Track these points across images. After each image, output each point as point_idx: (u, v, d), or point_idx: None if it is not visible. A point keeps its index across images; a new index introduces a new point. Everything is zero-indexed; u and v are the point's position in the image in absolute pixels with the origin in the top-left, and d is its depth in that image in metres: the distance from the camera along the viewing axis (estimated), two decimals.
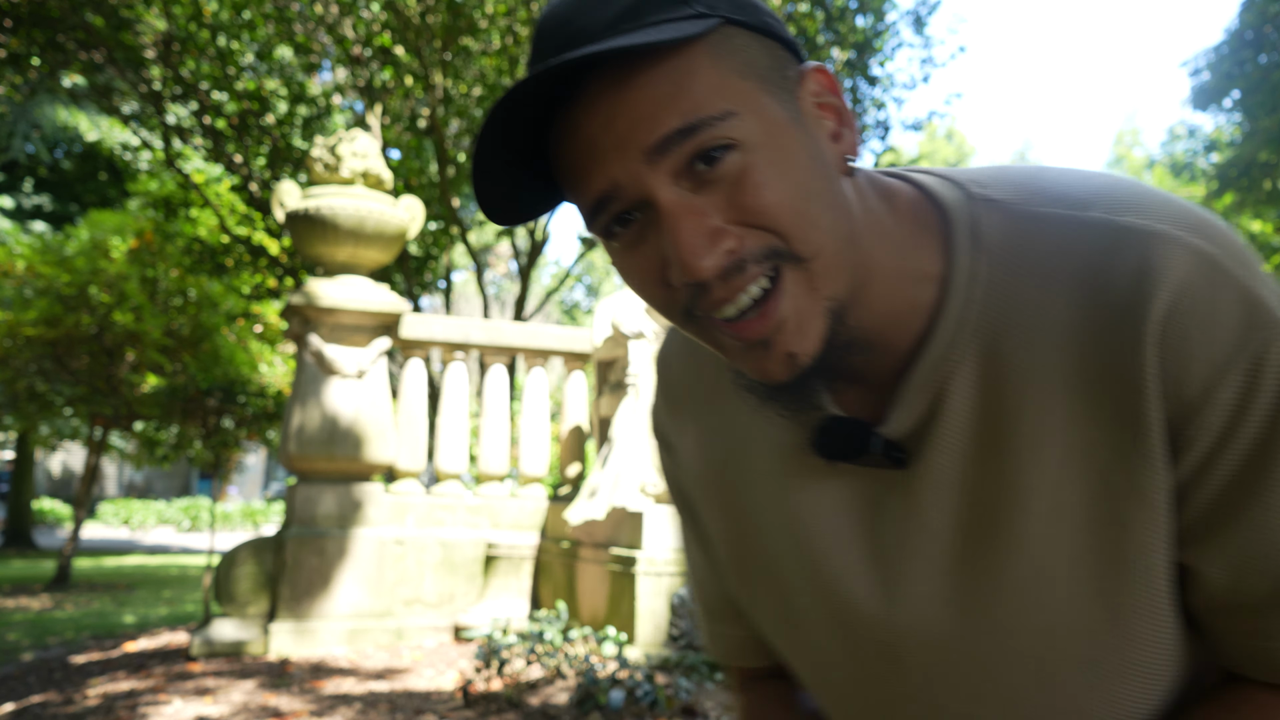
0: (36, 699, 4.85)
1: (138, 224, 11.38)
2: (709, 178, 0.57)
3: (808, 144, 0.60)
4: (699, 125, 0.56)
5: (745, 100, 0.58)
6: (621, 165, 0.57)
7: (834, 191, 0.60)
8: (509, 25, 8.83)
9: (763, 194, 0.57)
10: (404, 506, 6.12)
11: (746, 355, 0.61)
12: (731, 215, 0.57)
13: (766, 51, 0.60)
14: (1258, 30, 9.35)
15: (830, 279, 0.59)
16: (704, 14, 0.58)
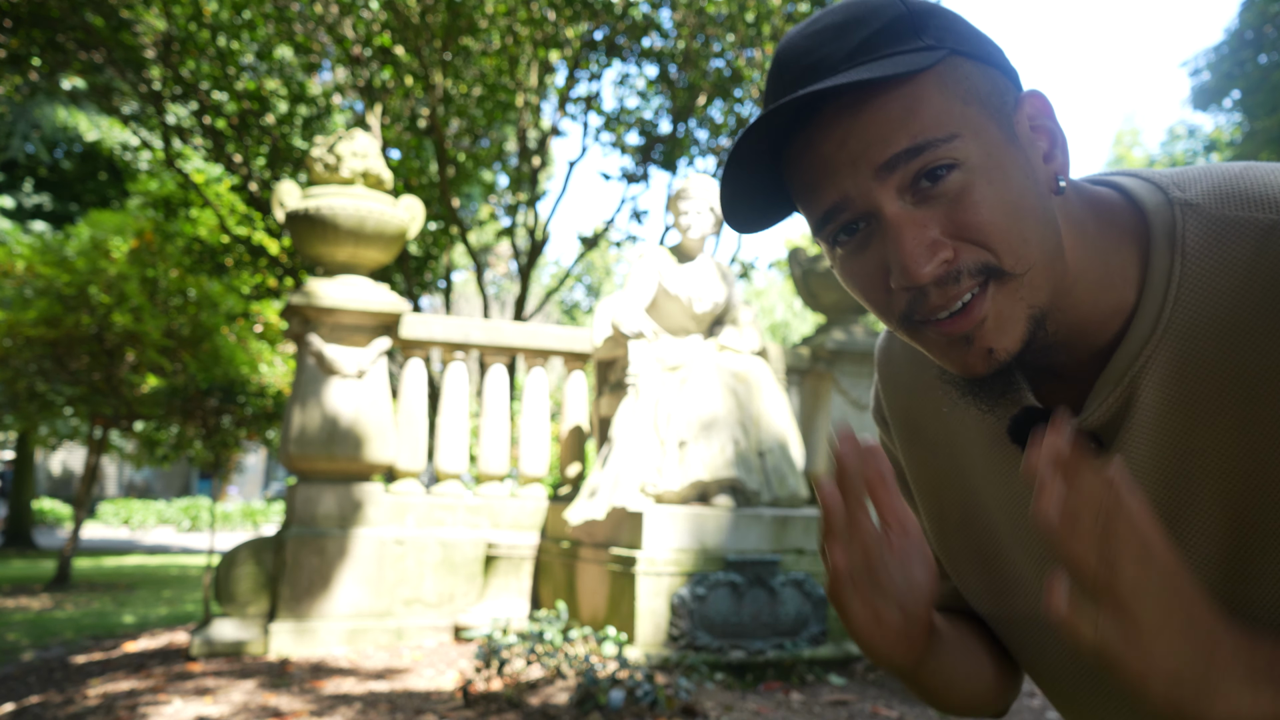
0: (36, 699, 4.85)
1: (138, 224, 11.39)
2: (931, 194, 0.63)
3: (1023, 164, 0.65)
4: (925, 146, 0.62)
5: (968, 124, 0.63)
6: (853, 180, 0.64)
7: (1045, 209, 0.65)
8: (509, 25, 8.82)
9: (980, 211, 0.63)
10: (404, 506, 6.13)
11: (950, 350, 0.67)
12: (950, 229, 0.63)
13: (988, 79, 0.66)
14: (1258, 30, 9.34)
15: (1035, 290, 0.65)
16: (933, 46, 0.64)
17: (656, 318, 5.82)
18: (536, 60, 9.45)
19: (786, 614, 4.91)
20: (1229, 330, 0.64)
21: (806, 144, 0.65)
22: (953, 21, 0.66)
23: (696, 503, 5.13)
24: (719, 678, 4.57)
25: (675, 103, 9.35)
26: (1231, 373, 0.64)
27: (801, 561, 5.12)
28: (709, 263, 5.98)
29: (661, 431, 5.32)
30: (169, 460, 12.73)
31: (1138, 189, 0.71)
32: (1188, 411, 0.66)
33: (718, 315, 5.99)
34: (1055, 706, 0.85)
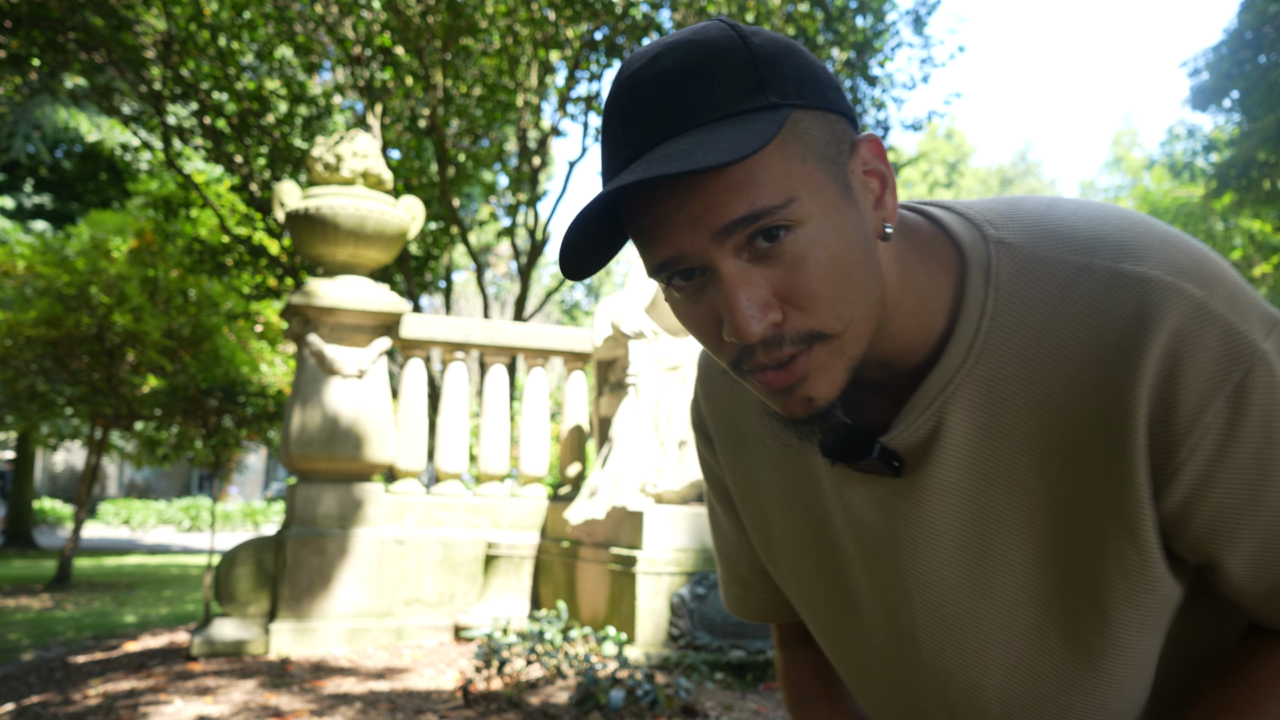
0: (37, 699, 4.86)
1: (138, 224, 11.39)
2: (768, 253, 0.65)
3: (855, 218, 0.67)
4: (762, 213, 0.63)
5: (805, 183, 0.65)
6: (691, 240, 0.65)
7: (871, 261, 0.68)
8: (509, 25, 8.82)
9: (811, 280, 0.65)
10: (404, 506, 6.13)
11: (773, 397, 0.70)
12: (781, 292, 0.65)
13: (826, 128, 0.67)
14: (1257, 30, 9.34)
15: (855, 343, 0.68)
16: (776, 104, 0.64)
17: (656, 318, 5.82)
18: (537, 60, 9.45)
19: None
20: (1035, 363, 0.69)
21: (647, 200, 0.66)
22: (794, 67, 0.66)
23: (696, 502, 5.13)
24: (719, 677, 4.58)
25: None
26: (1035, 404, 0.69)
27: None
28: None
29: (661, 431, 5.33)
30: (169, 460, 12.74)
31: (954, 224, 0.74)
32: (993, 438, 0.71)
33: None
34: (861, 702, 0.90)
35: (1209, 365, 0.65)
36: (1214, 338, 0.65)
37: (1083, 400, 0.68)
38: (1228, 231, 17.33)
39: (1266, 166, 9.56)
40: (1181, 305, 0.65)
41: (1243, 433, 0.66)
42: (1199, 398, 0.65)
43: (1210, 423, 0.66)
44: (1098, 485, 0.69)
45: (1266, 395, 0.66)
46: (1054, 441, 0.70)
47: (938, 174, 42.19)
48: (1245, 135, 9.80)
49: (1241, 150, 9.68)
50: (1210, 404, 0.65)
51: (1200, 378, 0.65)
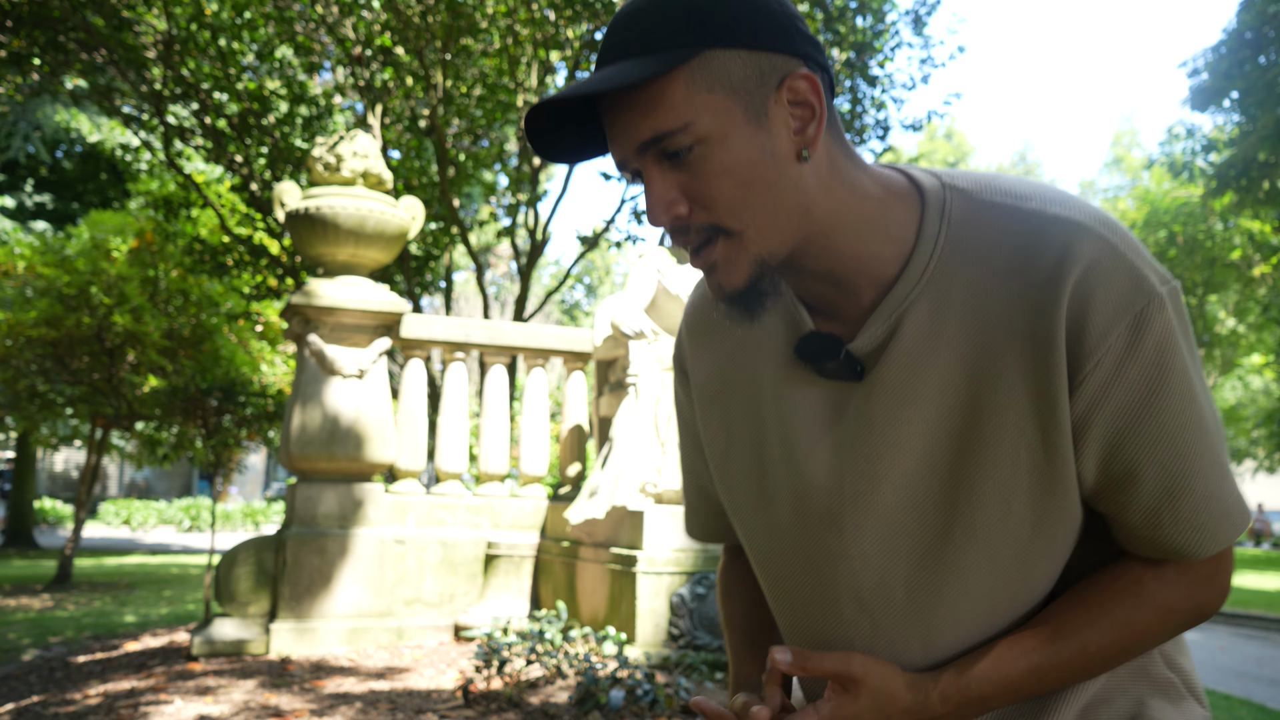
0: (37, 698, 4.86)
1: (138, 224, 11.39)
2: (677, 163, 0.80)
3: (762, 141, 0.80)
4: (663, 136, 0.79)
5: (708, 109, 0.78)
6: (622, 151, 0.82)
7: (782, 178, 0.80)
8: (509, 25, 8.82)
9: (709, 184, 0.80)
10: (404, 506, 6.13)
11: (704, 277, 0.87)
12: (687, 192, 0.81)
13: (747, 65, 0.79)
14: (1257, 30, 9.33)
15: (760, 243, 0.82)
16: (690, 44, 0.78)
17: (656, 318, 5.82)
18: (537, 60, 9.45)
19: None
20: (977, 283, 0.82)
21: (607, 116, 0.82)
22: (729, 15, 0.78)
23: None
24: (719, 677, 4.58)
25: None
26: (974, 317, 0.82)
27: None
28: None
29: (661, 432, 5.33)
30: (170, 460, 12.74)
31: (920, 175, 0.88)
32: (936, 345, 0.84)
33: None
34: (776, 611, 1.00)
35: (1115, 295, 0.78)
36: (1122, 274, 0.79)
37: (1014, 315, 0.81)
38: (1227, 231, 17.32)
39: (1266, 166, 9.56)
40: (1098, 244, 0.79)
41: (1138, 356, 0.79)
42: (1105, 321, 0.78)
43: (1112, 344, 0.79)
44: (1020, 389, 0.81)
45: (1160, 329, 0.79)
46: (988, 349, 0.82)
47: None
48: (1245, 135, 9.79)
49: (1241, 150, 9.67)
50: (1114, 328, 0.78)
51: (1108, 305, 0.78)
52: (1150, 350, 0.79)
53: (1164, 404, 0.80)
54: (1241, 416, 29.44)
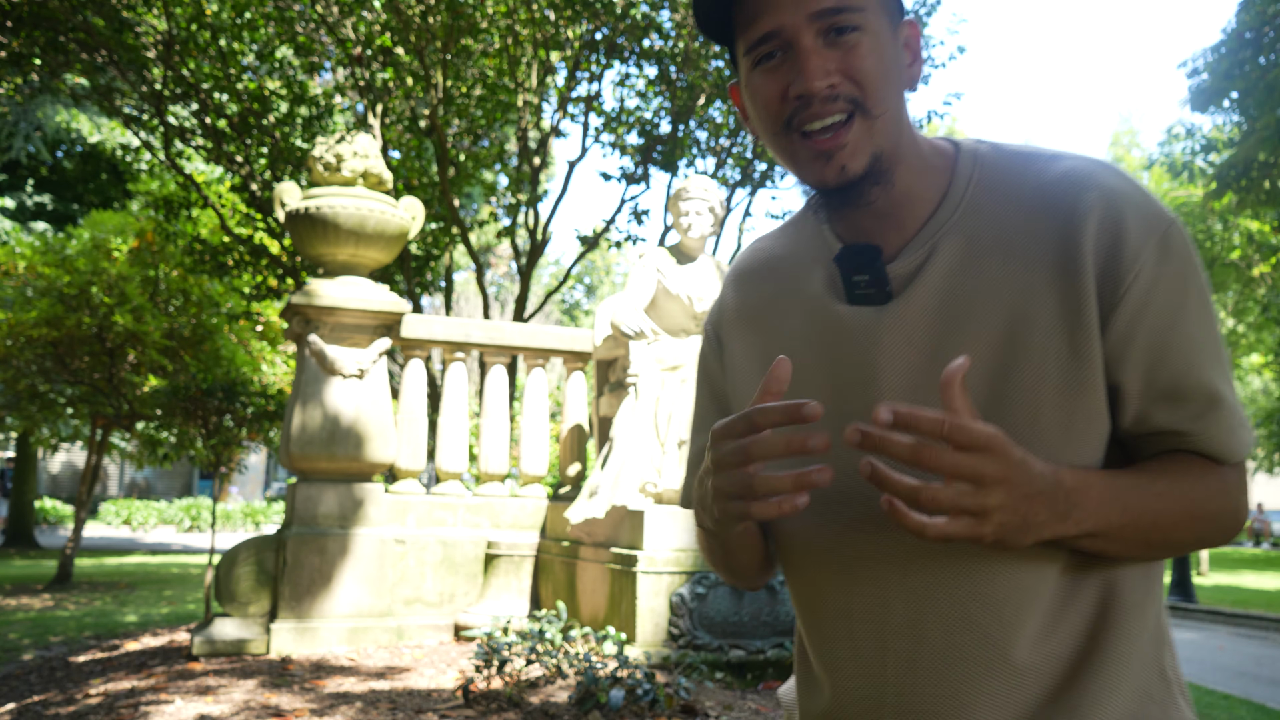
0: (38, 698, 4.87)
1: (139, 224, 11.40)
2: (838, 42, 0.89)
3: (897, 55, 0.93)
4: (845, 9, 0.89)
5: (874, 9, 0.91)
6: (791, 17, 0.89)
7: (900, 89, 0.94)
8: (509, 25, 8.83)
9: (864, 64, 0.90)
10: (405, 506, 6.14)
11: (812, 164, 0.92)
12: (842, 68, 0.89)
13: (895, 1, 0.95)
14: (1256, 30, 9.33)
15: (882, 134, 0.91)
16: None
17: (656, 318, 5.83)
18: (537, 61, 9.46)
19: (786, 613, 4.92)
20: (1004, 217, 0.93)
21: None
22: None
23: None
24: (719, 677, 4.58)
25: (675, 103, 9.35)
26: (1000, 248, 0.92)
27: None
28: (709, 263, 5.99)
29: (661, 431, 5.33)
30: (170, 460, 12.75)
31: (955, 138, 1.01)
32: (965, 273, 0.92)
33: None
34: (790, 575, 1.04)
35: (1141, 220, 0.89)
36: (1140, 204, 0.90)
37: (1041, 244, 0.90)
38: (1226, 231, 17.32)
39: (1266, 166, 9.55)
40: (1115, 179, 0.91)
41: (1170, 269, 0.88)
42: (1138, 241, 0.88)
43: (1145, 260, 0.87)
44: (1050, 312, 0.89)
45: (1182, 247, 0.89)
46: (1016, 276, 0.91)
47: None
48: (1245, 135, 9.78)
49: (1241, 150, 9.67)
50: (1145, 247, 0.88)
51: (1138, 228, 0.88)
52: (1178, 264, 0.89)
53: (1195, 313, 0.90)
54: None
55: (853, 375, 0.96)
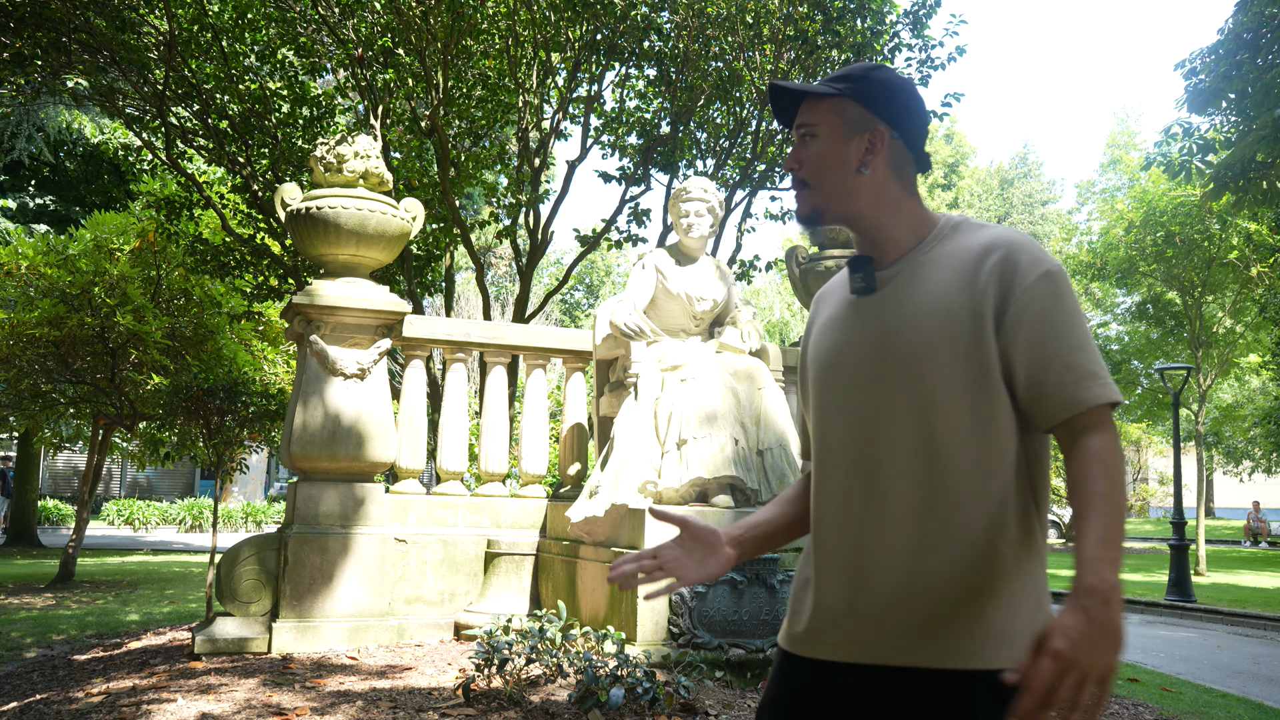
0: (40, 696, 4.90)
1: (140, 224, 11.42)
2: (804, 141, 1.52)
3: (843, 152, 1.50)
4: (805, 125, 1.53)
5: (832, 124, 1.50)
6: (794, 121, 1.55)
7: (843, 175, 1.50)
8: (510, 26, 8.85)
9: (807, 160, 1.52)
10: (405, 505, 6.16)
11: (797, 201, 1.54)
12: (800, 158, 1.53)
13: (859, 112, 1.50)
14: (1254, 31, 9.33)
15: (820, 199, 1.52)
16: (844, 92, 1.50)
17: (656, 318, 5.85)
18: (538, 62, 9.48)
19: (785, 612, 4.95)
20: (950, 258, 1.44)
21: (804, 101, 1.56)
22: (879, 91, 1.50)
23: (696, 502, 5.16)
24: (719, 675, 4.61)
25: (675, 104, 9.37)
26: (943, 273, 1.43)
27: None
28: (709, 263, 6.02)
29: (661, 431, 5.36)
30: (172, 460, 12.77)
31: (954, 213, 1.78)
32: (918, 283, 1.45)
33: (717, 315, 6.02)
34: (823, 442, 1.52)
35: (1031, 260, 1.39)
36: (1033, 252, 1.40)
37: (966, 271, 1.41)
38: (1224, 232, 17.32)
39: (1264, 167, 9.56)
40: (1019, 240, 1.42)
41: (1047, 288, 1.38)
42: (1025, 270, 1.38)
43: (1030, 281, 1.37)
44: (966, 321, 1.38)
45: (1060, 278, 1.39)
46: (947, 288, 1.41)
47: (937, 175, 42.15)
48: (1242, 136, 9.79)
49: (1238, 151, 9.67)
50: (1031, 273, 1.38)
51: (1026, 263, 1.38)
52: (1055, 286, 1.38)
53: (1066, 317, 1.37)
54: (1238, 416, 29.44)
55: (849, 336, 1.50)
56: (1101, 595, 1.21)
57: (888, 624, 1.37)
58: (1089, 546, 1.25)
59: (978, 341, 1.37)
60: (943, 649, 1.34)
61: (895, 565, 1.37)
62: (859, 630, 1.39)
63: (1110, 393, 1.33)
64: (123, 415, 11.15)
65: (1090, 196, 33.29)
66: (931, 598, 1.35)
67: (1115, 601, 1.22)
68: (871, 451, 1.42)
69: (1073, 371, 1.33)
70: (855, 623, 1.40)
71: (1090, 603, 1.21)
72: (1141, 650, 8.77)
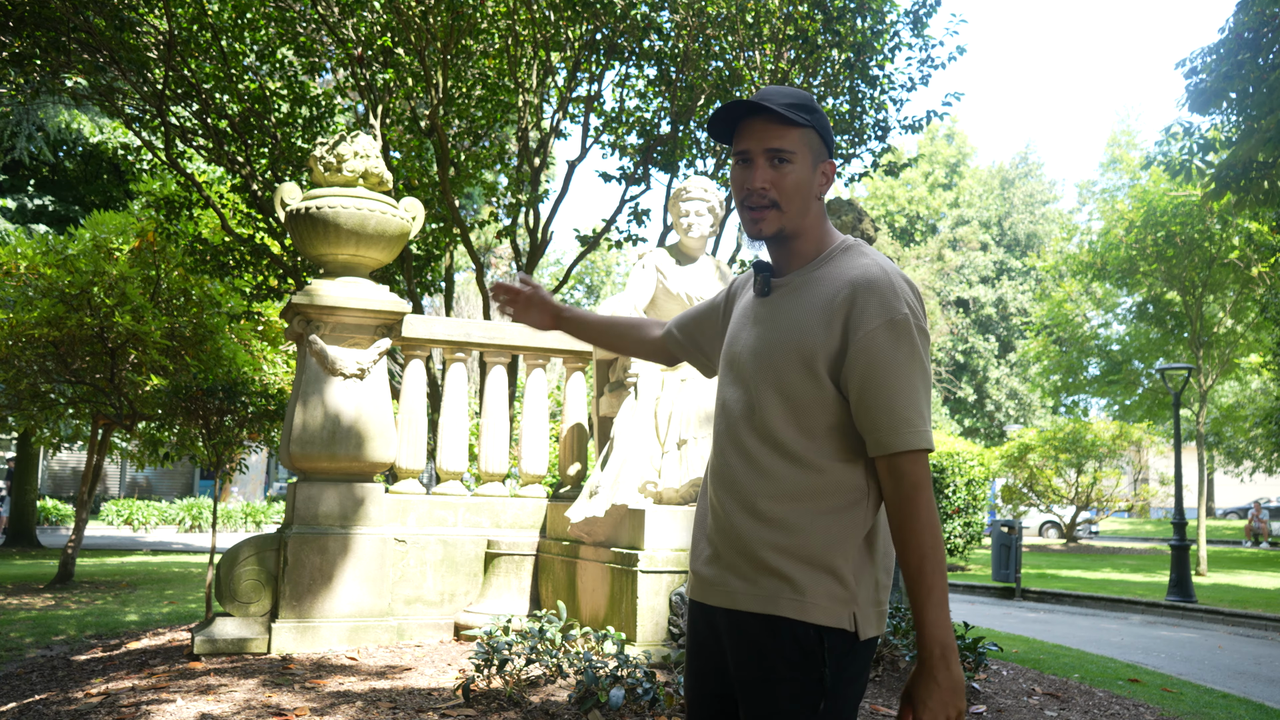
0: (39, 697, 4.89)
1: (140, 224, 11.41)
2: (777, 167, 1.67)
3: (809, 180, 1.70)
4: (782, 152, 1.68)
5: (803, 153, 1.69)
6: (755, 144, 1.68)
7: (808, 199, 1.71)
8: (510, 26, 8.84)
9: (785, 183, 1.68)
10: (405, 505, 6.15)
11: (747, 222, 1.71)
12: (772, 181, 1.67)
13: (818, 143, 1.71)
14: (1255, 31, 9.32)
15: (787, 220, 1.69)
16: (810, 124, 1.69)
17: (656, 317, 5.84)
18: (537, 61, 9.47)
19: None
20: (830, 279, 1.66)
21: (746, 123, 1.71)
22: (824, 124, 1.71)
23: (697, 502, 5.15)
24: None
25: (675, 104, 9.35)
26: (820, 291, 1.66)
27: None
28: (709, 263, 6.01)
29: (661, 431, 5.35)
30: (171, 460, 12.76)
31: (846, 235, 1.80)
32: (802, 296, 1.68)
33: None
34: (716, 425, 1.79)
35: (877, 307, 1.59)
36: (887, 295, 1.59)
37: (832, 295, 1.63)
38: (1225, 232, 17.31)
39: (1265, 166, 9.55)
40: (880, 278, 1.62)
41: (888, 335, 1.57)
42: (871, 317, 1.58)
43: (871, 328, 1.57)
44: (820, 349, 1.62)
45: (905, 326, 1.58)
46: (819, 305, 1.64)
47: (938, 175, 42.15)
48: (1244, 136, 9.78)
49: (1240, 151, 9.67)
50: (873, 323, 1.58)
51: (873, 311, 1.59)
52: (897, 335, 1.57)
53: (890, 363, 1.56)
54: (1239, 416, 29.43)
55: (746, 331, 1.75)
56: (943, 658, 1.50)
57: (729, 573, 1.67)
58: (927, 609, 1.52)
59: (821, 366, 1.60)
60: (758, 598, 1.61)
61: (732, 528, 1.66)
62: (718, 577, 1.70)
63: (920, 440, 1.55)
64: (122, 415, 11.14)
65: (1091, 196, 33.29)
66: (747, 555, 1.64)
67: (953, 658, 1.51)
68: (736, 433, 1.69)
69: (891, 417, 1.55)
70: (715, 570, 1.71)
71: (935, 667, 1.50)
72: (1142, 651, 8.76)
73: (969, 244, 40.72)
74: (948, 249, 40.84)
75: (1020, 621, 10.82)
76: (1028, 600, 14.04)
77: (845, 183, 12.00)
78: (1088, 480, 24.31)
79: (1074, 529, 27.01)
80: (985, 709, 4.62)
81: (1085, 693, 5.35)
